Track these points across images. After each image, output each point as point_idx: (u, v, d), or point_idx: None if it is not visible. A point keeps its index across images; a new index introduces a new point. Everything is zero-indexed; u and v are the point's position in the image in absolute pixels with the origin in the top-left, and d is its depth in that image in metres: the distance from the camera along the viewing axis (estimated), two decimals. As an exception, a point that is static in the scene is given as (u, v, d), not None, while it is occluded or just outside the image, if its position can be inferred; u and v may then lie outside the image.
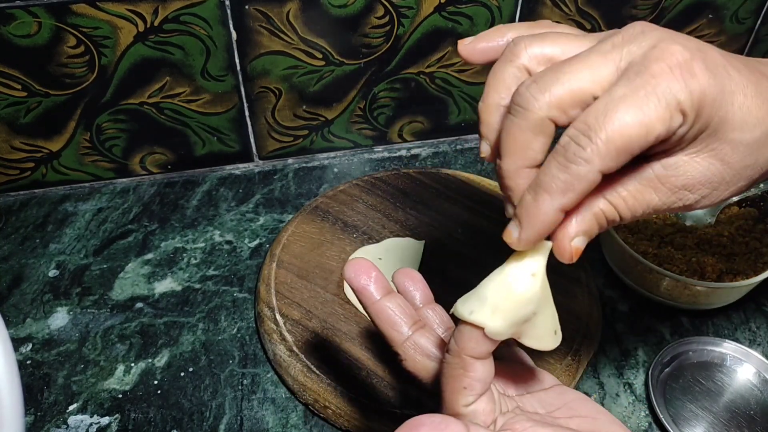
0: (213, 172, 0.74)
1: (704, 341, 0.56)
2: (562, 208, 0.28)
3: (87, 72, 0.63)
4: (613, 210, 0.29)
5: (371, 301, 0.34)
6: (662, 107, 0.26)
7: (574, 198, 0.28)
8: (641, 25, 0.28)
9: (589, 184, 0.27)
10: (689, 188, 0.29)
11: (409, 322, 0.34)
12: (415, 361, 0.33)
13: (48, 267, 0.63)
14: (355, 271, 0.35)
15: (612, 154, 0.26)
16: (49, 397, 0.53)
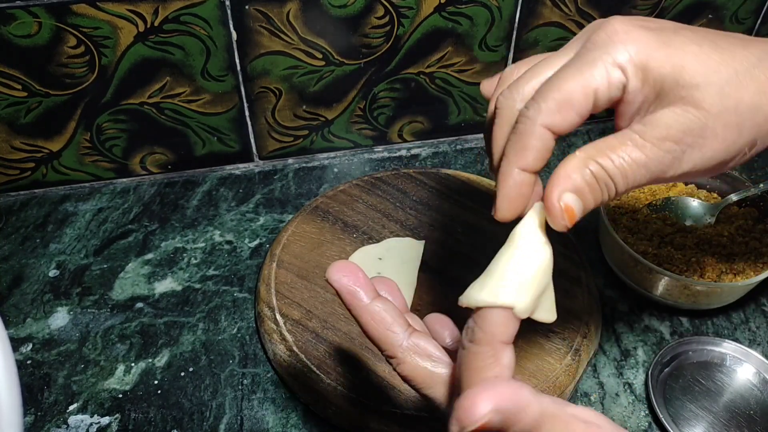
0: (213, 172, 0.74)
1: (704, 341, 0.56)
2: (523, 168, 0.31)
3: (87, 72, 0.63)
4: (602, 172, 0.30)
5: (361, 304, 0.32)
6: (601, 68, 0.30)
7: (532, 156, 0.31)
8: (594, 23, 0.33)
9: (539, 140, 0.30)
10: (672, 139, 0.30)
11: (403, 325, 0.32)
12: (414, 364, 0.32)
13: (48, 267, 0.63)
14: (339, 272, 0.32)
15: (552, 108, 0.30)
16: (50, 397, 0.53)
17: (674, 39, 0.30)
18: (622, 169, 0.30)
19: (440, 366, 0.32)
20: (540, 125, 0.30)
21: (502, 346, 0.29)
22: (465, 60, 0.71)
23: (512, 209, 0.32)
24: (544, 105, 0.30)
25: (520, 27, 0.69)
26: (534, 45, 0.71)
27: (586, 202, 0.30)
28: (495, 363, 0.28)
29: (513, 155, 0.31)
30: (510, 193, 0.32)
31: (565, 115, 0.30)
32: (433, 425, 0.49)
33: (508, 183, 0.31)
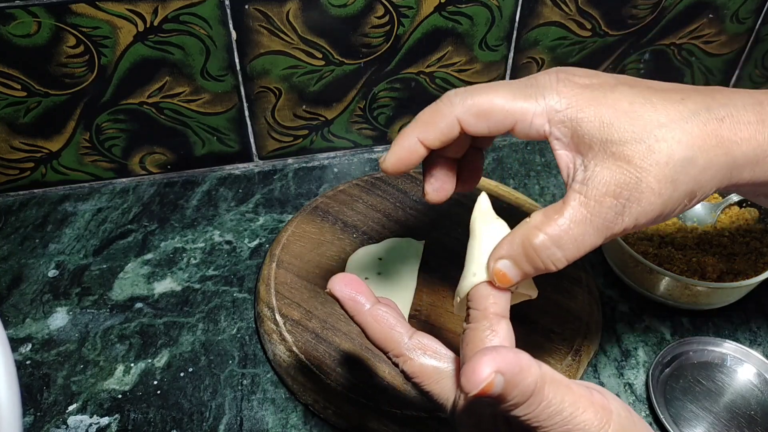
0: (213, 172, 0.74)
1: (704, 341, 0.56)
2: (421, 139, 0.34)
3: (87, 72, 0.63)
4: (545, 239, 0.31)
5: (363, 309, 0.33)
6: (529, 105, 0.32)
7: (433, 133, 0.34)
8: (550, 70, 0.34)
9: (446, 125, 0.34)
10: (611, 194, 0.31)
11: (406, 325, 0.33)
12: (420, 361, 0.32)
13: (47, 267, 0.63)
14: (340, 283, 0.34)
15: (473, 110, 0.33)
16: (49, 398, 0.53)
17: (608, 95, 0.32)
18: (569, 234, 0.31)
19: (445, 361, 0.33)
20: (454, 115, 0.33)
21: (497, 318, 0.31)
22: (465, 60, 0.71)
23: (396, 166, 0.35)
24: (468, 102, 0.33)
25: (521, 26, 0.69)
26: (534, 44, 0.71)
27: (524, 271, 0.32)
28: (493, 334, 0.30)
29: (420, 124, 0.34)
30: (400, 152, 0.35)
31: (479, 121, 0.33)
32: (433, 425, 0.49)
33: (402, 144, 0.35)
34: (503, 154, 0.76)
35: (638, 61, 0.76)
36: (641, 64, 0.76)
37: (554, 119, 0.32)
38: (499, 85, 0.34)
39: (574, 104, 0.32)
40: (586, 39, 0.72)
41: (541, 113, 0.32)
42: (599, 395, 0.29)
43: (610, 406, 0.29)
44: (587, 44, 0.72)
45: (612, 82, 0.33)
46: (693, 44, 0.76)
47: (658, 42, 0.74)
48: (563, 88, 0.32)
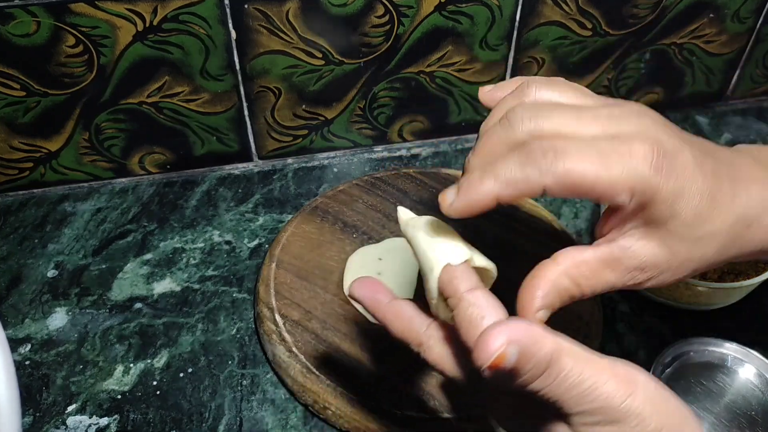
0: (212, 172, 0.74)
1: (705, 342, 0.56)
2: (498, 196, 0.31)
3: (86, 71, 0.63)
4: (575, 287, 0.32)
5: (383, 304, 0.35)
6: (621, 178, 0.29)
7: (512, 194, 0.31)
8: (640, 107, 0.33)
9: (531, 190, 0.31)
10: (640, 269, 0.32)
11: (423, 315, 0.34)
12: (438, 349, 0.33)
13: (47, 267, 0.63)
14: (360, 287, 0.36)
15: (561, 182, 0.30)
16: (48, 398, 0.53)
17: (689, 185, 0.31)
18: (593, 287, 0.33)
19: None
20: (542, 185, 0.30)
21: (472, 290, 0.31)
22: (465, 59, 0.71)
23: (463, 215, 0.33)
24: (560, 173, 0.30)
25: (521, 26, 0.69)
26: (535, 44, 0.71)
27: (554, 309, 0.33)
28: (478, 307, 0.30)
29: (503, 184, 0.31)
30: (473, 204, 0.32)
31: (564, 193, 0.31)
32: (434, 426, 0.49)
33: (478, 195, 0.32)
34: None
35: (639, 60, 0.76)
36: (642, 64, 0.76)
37: (634, 192, 0.30)
38: (584, 142, 0.30)
39: (654, 178, 0.31)
40: (586, 38, 0.72)
41: (624, 189, 0.30)
42: (623, 366, 0.29)
43: (637, 377, 0.29)
44: (588, 44, 0.72)
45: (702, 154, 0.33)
46: (694, 44, 0.76)
47: (659, 42, 0.74)
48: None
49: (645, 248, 0.32)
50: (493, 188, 0.31)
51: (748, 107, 0.84)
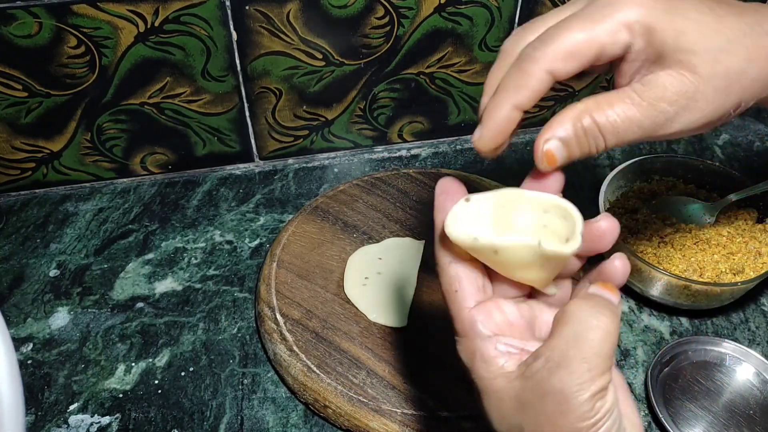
0: (213, 172, 0.74)
1: (703, 341, 0.56)
2: (516, 105, 0.32)
3: (88, 72, 0.63)
4: (594, 127, 0.32)
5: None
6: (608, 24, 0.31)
7: (527, 95, 0.32)
8: None
9: (538, 81, 0.32)
10: (667, 100, 0.31)
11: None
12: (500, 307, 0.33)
13: (49, 267, 0.63)
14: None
15: (558, 55, 0.31)
16: (50, 397, 0.53)
17: (678, 5, 0.32)
18: (615, 125, 0.32)
19: None
20: (543, 69, 0.32)
21: (456, 262, 0.33)
22: (465, 60, 0.71)
23: (495, 141, 0.34)
24: (550, 50, 0.32)
25: (520, 27, 0.69)
26: (534, 45, 0.71)
27: (571, 152, 0.33)
28: (453, 275, 0.33)
29: (511, 90, 0.33)
30: (498, 126, 0.33)
31: (568, 63, 0.32)
32: (433, 425, 0.49)
33: (498, 115, 0.33)
34: (503, 154, 0.76)
35: (638, 61, 0.76)
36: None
37: (635, 30, 0.32)
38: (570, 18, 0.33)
39: (652, 13, 0.32)
40: (585, 39, 0.72)
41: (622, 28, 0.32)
42: None
43: None
44: (587, 45, 0.72)
45: None
46: (692, 45, 0.76)
47: (658, 42, 0.75)
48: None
49: (666, 76, 0.32)
50: (507, 99, 0.32)
51: (747, 108, 0.84)
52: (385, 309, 0.56)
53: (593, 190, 0.72)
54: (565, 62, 0.32)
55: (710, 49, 0.31)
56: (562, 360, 0.29)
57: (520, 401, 0.30)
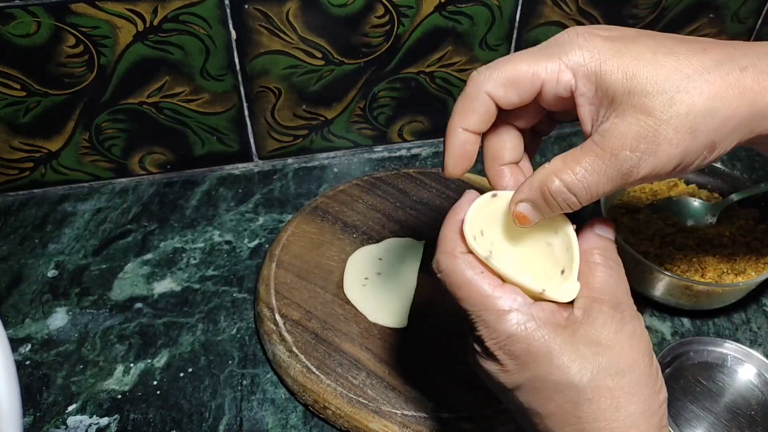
0: (212, 172, 0.74)
1: (705, 341, 0.56)
2: (466, 128, 0.35)
3: (86, 71, 0.63)
4: (562, 188, 0.33)
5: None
6: (552, 63, 0.32)
7: (474, 117, 0.34)
8: (569, 29, 0.34)
9: (480, 104, 0.34)
10: (628, 147, 0.31)
11: None
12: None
13: (47, 267, 0.63)
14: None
15: (499, 81, 0.33)
16: (48, 398, 0.53)
17: (631, 47, 0.32)
18: (583, 183, 0.32)
19: None
20: (484, 92, 0.34)
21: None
22: (465, 59, 0.71)
23: (458, 166, 0.36)
24: (494, 75, 0.33)
25: (521, 26, 0.69)
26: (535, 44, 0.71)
27: (543, 213, 0.34)
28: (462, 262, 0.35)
29: (458, 115, 0.35)
30: (455, 150, 0.36)
31: (508, 91, 0.34)
32: (433, 425, 0.49)
33: (452, 141, 0.35)
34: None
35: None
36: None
37: (579, 73, 0.32)
38: (521, 52, 0.34)
39: (597, 57, 0.32)
40: (586, 39, 0.72)
41: (565, 69, 0.32)
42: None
43: None
44: (587, 44, 0.72)
45: (633, 35, 0.33)
46: (693, 44, 0.76)
47: (659, 42, 0.74)
48: (585, 42, 0.32)
49: (623, 123, 0.31)
50: (455, 124, 0.35)
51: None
52: (385, 309, 0.56)
53: (594, 190, 0.72)
54: (505, 89, 0.33)
55: (666, 89, 0.30)
56: None
57: None
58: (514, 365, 0.33)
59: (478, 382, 0.51)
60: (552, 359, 0.32)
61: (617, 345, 0.32)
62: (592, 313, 0.33)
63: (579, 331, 0.33)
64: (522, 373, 0.33)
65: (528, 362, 0.32)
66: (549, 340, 0.32)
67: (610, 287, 0.34)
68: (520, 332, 0.32)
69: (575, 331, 0.33)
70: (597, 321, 0.33)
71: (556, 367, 0.32)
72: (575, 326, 0.33)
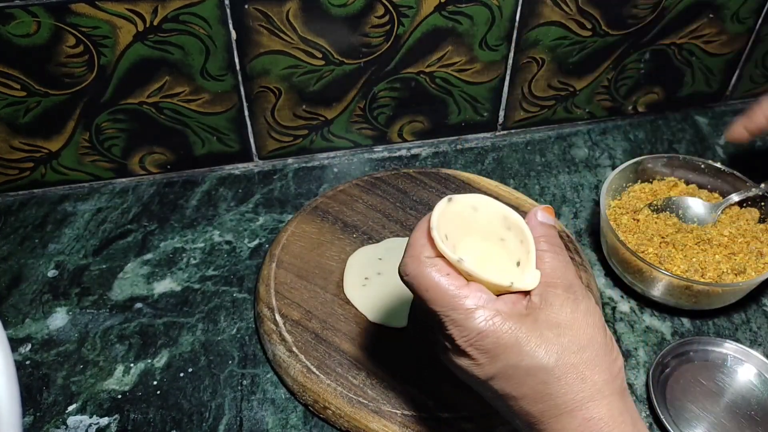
0: (212, 172, 0.74)
1: (705, 341, 0.56)
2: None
3: (86, 71, 0.63)
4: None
5: None
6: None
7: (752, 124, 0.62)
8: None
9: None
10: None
11: None
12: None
13: (47, 267, 0.63)
14: None
15: None
16: (48, 398, 0.53)
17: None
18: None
19: None
20: None
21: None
22: (465, 59, 0.71)
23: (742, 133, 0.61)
24: None
25: (521, 26, 0.69)
26: (534, 44, 0.71)
27: None
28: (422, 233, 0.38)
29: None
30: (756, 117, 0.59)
31: None
32: (432, 425, 0.49)
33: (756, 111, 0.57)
34: (503, 154, 0.76)
35: (638, 60, 0.76)
36: (641, 64, 0.76)
37: None
38: None
39: None
40: (586, 39, 0.72)
41: None
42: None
43: None
44: (587, 44, 0.72)
45: None
46: (693, 44, 0.76)
47: (659, 42, 0.74)
48: None
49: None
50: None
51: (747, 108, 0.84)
52: (385, 309, 0.56)
53: (594, 190, 0.72)
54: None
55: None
56: None
57: None
58: (485, 358, 0.35)
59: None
60: (521, 347, 0.34)
61: (575, 324, 0.35)
62: (548, 297, 0.36)
63: (540, 316, 0.35)
64: (494, 365, 0.35)
65: (499, 354, 0.35)
66: (516, 330, 0.35)
67: (560, 271, 0.37)
68: (488, 327, 0.35)
69: (537, 317, 0.35)
70: (554, 304, 0.36)
71: (526, 353, 0.34)
72: (536, 313, 0.36)
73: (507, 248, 0.38)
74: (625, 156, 0.76)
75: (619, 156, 0.77)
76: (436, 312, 0.36)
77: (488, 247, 0.39)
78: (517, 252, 0.38)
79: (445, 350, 0.38)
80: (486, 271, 0.36)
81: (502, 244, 0.38)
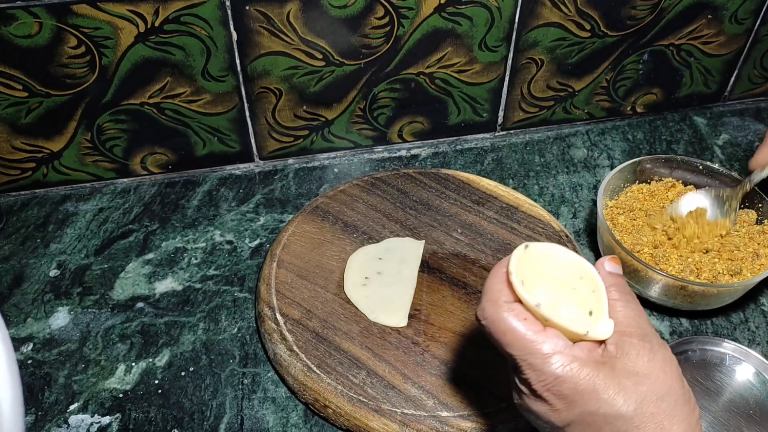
0: (213, 173, 0.74)
1: (703, 341, 0.56)
2: None
3: (88, 72, 0.63)
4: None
5: None
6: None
7: None
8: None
9: None
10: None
11: None
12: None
13: (49, 267, 0.63)
14: None
15: None
16: (50, 397, 0.53)
17: None
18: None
19: None
20: None
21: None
22: (465, 60, 0.71)
23: None
24: None
25: (520, 27, 0.69)
26: (534, 45, 0.71)
27: None
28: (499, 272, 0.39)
29: None
30: None
31: None
32: (432, 425, 0.49)
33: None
34: (503, 154, 0.76)
35: (637, 61, 0.76)
36: (640, 65, 0.76)
37: None
38: None
39: None
40: (585, 39, 0.72)
41: None
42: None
43: None
44: (586, 45, 0.73)
45: None
46: (692, 45, 0.76)
47: (657, 42, 0.75)
48: None
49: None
50: None
51: (746, 108, 0.85)
52: (385, 309, 0.56)
53: (593, 191, 0.72)
54: None
55: None
56: None
57: None
58: (563, 404, 0.35)
59: (478, 381, 0.52)
60: (599, 395, 0.34)
61: (653, 373, 0.35)
62: (624, 346, 0.36)
63: (617, 365, 0.35)
64: (571, 411, 0.35)
65: (576, 400, 0.34)
66: (593, 377, 0.34)
67: (633, 320, 0.37)
68: (566, 373, 0.34)
69: (614, 366, 0.35)
70: (630, 353, 0.35)
71: (603, 401, 0.34)
72: (613, 361, 0.35)
73: (579, 297, 0.38)
74: (624, 156, 0.77)
75: (618, 156, 0.77)
76: (513, 356, 0.36)
77: (561, 295, 0.38)
78: (589, 301, 0.38)
79: (521, 395, 0.37)
80: (562, 317, 0.36)
81: (574, 292, 0.38)
